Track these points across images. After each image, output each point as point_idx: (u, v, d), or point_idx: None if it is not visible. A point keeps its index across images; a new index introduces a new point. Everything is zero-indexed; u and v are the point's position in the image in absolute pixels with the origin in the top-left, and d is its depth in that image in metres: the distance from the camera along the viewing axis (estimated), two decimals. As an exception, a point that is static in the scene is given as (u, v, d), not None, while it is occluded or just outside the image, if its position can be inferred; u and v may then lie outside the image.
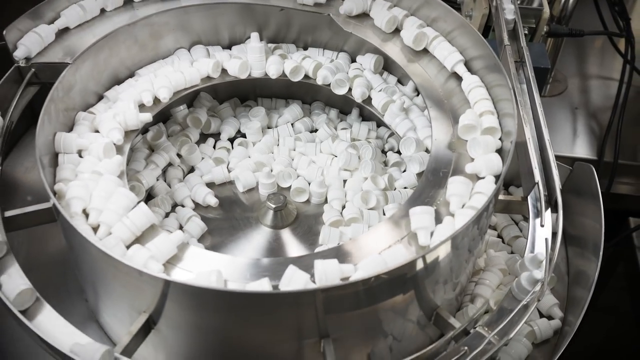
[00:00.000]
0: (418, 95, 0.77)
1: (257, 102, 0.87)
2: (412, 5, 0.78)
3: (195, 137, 0.81)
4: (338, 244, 0.60)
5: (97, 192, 0.59)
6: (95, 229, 0.57)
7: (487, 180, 0.60)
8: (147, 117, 0.69)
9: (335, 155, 0.78)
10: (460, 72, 0.71)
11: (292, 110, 0.84)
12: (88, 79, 0.70)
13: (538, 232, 0.57)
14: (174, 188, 0.74)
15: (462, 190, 0.59)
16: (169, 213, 0.72)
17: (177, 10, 0.77)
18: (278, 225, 0.71)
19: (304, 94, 0.86)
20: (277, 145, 0.81)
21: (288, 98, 0.87)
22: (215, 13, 0.79)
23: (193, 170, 0.78)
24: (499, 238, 0.76)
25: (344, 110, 0.85)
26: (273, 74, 0.78)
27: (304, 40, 0.84)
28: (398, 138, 0.75)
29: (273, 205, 0.70)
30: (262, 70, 0.79)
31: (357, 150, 0.77)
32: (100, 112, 0.70)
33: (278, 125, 0.83)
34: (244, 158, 0.79)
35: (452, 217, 0.58)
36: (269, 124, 0.84)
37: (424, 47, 0.75)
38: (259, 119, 0.82)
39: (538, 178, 0.58)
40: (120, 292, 0.55)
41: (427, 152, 0.71)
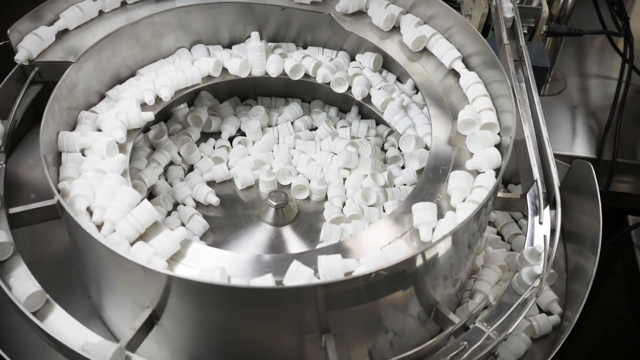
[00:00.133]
0: (417, 93, 0.77)
1: (257, 100, 0.87)
2: (408, 3, 0.78)
3: (196, 135, 0.81)
4: (339, 241, 0.60)
5: (100, 190, 0.59)
6: (100, 227, 0.57)
7: (487, 174, 0.61)
8: (149, 115, 0.70)
9: (335, 153, 0.79)
10: (458, 68, 0.72)
11: (292, 109, 0.84)
12: (91, 78, 0.71)
13: (537, 229, 0.57)
14: (176, 187, 0.74)
15: (463, 184, 0.60)
16: (171, 212, 0.72)
17: (178, 10, 0.77)
18: (279, 223, 0.71)
19: (303, 93, 0.86)
20: (276, 144, 0.82)
21: (287, 97, 0.87)
22: (216, 12, 0.80)
23: (193, 169, 0.78)
24: (499, 235, 0.77)
25: (343, 109, 0.86)
26: (273, 73, 0.78)
27: (304, 39, 0.84)
28: (397, 136, 0.76)
29: (274, 203, 0.71)
30: (262, 69, 0.79)
31: (356, 148, 0.77)
32: (103, 111, 0.70)
33: (278, 124, 0.83)
34: (244, 156, 0.79)
35: (453, 212, 0.58)
36: (269, 123, 0.84)
37: (423, 47, 0.76)
38: (259, 118, 0.82)
39: (537, 175, 0.59)
40: (124, 288, 0.55)
41: (426, 149, 0.72)
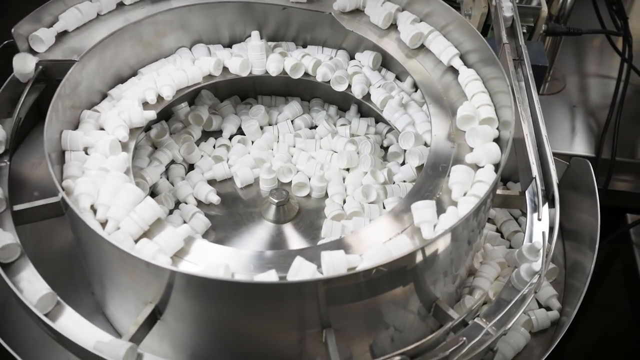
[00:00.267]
0: (416, 91, 0.78)
1: (257, 99, 0.87)
2: (404, 0, 0.78)
3: (198, 134, 0.81)
4: (340, 237, 0.61)
5: (104, 188, 0.59)
6: (104, 224, 0.58)
7: (487, 169, 0.61)
8: (151, 114, 0.70)
9: (335, 151, 0.79)
10: (457, 65, 0.72)
11: (291, 107, 0.84)
12: (94, 77, 0.71)
13: (535, 225, 0.58)
14: (177, 186, 0.75)
15: (464, 178, 0.60)
16: (173, 210, 0.73)
17: (181, 9, 0.77)
18: (280, 220, 0.72)
19: (303, 91, 0.87)
20: (276, 142, 0.82)
21: (287, 95, 0.87)
22: (216, 12, 0.80)
23: (194, 168, 0.79)
24: (498, 233, 0.77)
25: (343, 107, 0.86)
26: (273, 72, 0.79)
27: (303, 38, 0.84)
28: (396, 133, 0.76)
29: (276, 200, 0.71)
30: (262, 68, 0.80)
31: (356, 146, 0.78)
32: (105, 110, 0.70)
33: (278, 122, 0.84)
34: (244, 155, 0.80)
35: (455, 206, 0.59)
36: (269, 121, 0.84)
37: (420, 44, 0.76)
38: (258, 118, 0.82)
39: (535, 173, 0.59)
40: (127, 283, 0.56)
41: (426, 145, 0.72)
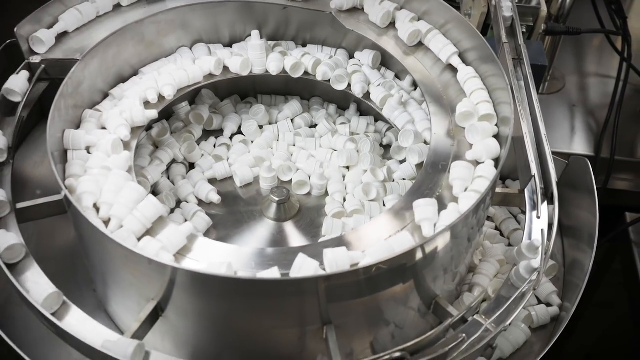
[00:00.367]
0: (415, 90, 0.78)
1: (256, 98, 0.87)
2: (402, -1, 0.79)
3: (198, 133, 0.82)
4: (341, 234, 0.61)
5: (107, 186, 0.59)
6: (106, 223, 0.58)
7: (487, 165, 0.62)
8: (153, 113, 0.70)
9: (335, 150, 0.79)
10: (455, 64, 0.73)
11: (291, 106, 0.85)
12: (96, 76, 0.71)
13: (535, 223, 0.58)
14: (178, 185, 0.75)
15: (465, 174, 0.61)
16: (174, 209, 0.73)
17: (182, 9, 0.78)
18: (281, 218, 0.72)
19: (302, 90, 0.87)
20: (276, 141, 0.82)
21: (287, 94, 0.88)
22: (216, 12, 0.80)
23: (194, 167, 0.79)
24: (497, 231, 0.78)
25: (342, 106, 0.86)
26: (274, 71, 0.79)
27: (303, 38, 0.85)
28: (396, 132, 0.76)
29: (277, 199, 0.71)
30: (262, 67, 0.80)
31: (355, 144, 0.78)
32: (107, 109, 0.70)
33: (278, 121, 0.84)
34: (244, 154, 0.80)
35: (456, 203, 0.59)
36: (269, 120, 0.85)
37: (418, 41, 0.76)
38: (258, 119, 0.83)
39: (535, 171, 0.59)
40: (130, 280, 0.56)
41: (425, 143, 0.72)
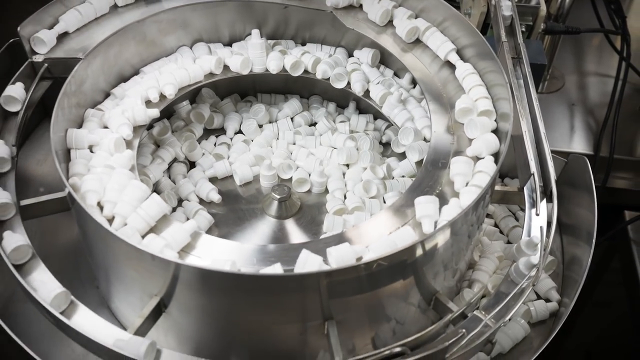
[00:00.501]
0: (414, 87, 0.79)
1: (256, 97, 0.88)
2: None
3: (199, 132, 0.82)
4: (342, 231, 0.62)
5: (110, 185, 0.60)
6: (110, 221, 0.58)
7: (487, 160, 0.62)
8: (154, 112, 0.71)
9: (335, 148, 0.80)
10: (453, 60, 0.73)
11: (291, 105, 0.85)
12: (98, 75, 0.72)
13: (534, 220, 0.58)
14: (179, 184, 0.75)
15: (465, 170, 0.61)
16: (176, 208, 0.73)
17: (184, 8, 0.78)
18: (282, 216, 0.72)
19: (302, 89, 0.87)
20: (276, 139, 0.82)
21: (286, 93, 0.88)
22: (216, 11, 0.81)
23: (195, 166, 0.79)
24: (496, 228, 0.78)
25: (341, 104, 0.87)
26: (274, 70, 0.79)
27: (302, 36, 0.85)
28: (395, 129, 0.77)
29: (278, 196, 0.72)
30: (262, 66, 0.80)
31: (355, 142, 0.79)
32: (109, 108, 0.71)
33: (278, 120, 0.84)
34: (244, 152, 0.80)
35: (457, 198, 0.60)
36: (269, 119, 0.85)
37: (416, 39, 0.77)
38: (259, 119, 0.83)
39: (534, 169, 0.60)
40: (133, 277, 0.56)
41: (425, 141, 0.73)
